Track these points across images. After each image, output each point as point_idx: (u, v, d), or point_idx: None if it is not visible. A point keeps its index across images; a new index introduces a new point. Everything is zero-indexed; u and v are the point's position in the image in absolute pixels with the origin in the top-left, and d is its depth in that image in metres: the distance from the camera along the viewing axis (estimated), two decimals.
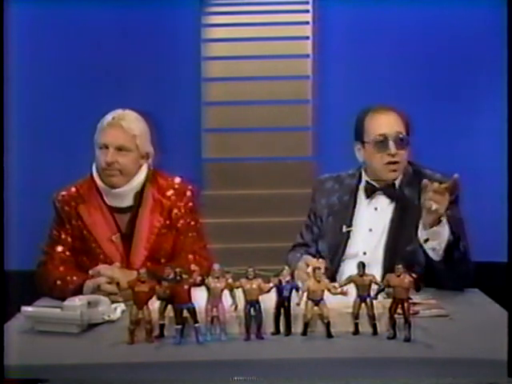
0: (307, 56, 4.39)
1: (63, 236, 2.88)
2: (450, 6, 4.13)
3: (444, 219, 2.60)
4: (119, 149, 2.82)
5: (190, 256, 2.84)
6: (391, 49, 4.22)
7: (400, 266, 2.16)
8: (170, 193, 2.91)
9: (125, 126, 2.84)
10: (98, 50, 4.22)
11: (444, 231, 2.61)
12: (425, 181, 2.58)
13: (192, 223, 2.93)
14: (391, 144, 2.85)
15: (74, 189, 2.92)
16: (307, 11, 4.37)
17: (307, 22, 4.37)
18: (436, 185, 2.54)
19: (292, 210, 4.17)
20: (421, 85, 4.16)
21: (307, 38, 4.38)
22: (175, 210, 2.90)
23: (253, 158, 4.43)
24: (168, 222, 2.89)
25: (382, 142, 2.87)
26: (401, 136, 2.87)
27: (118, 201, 2.87)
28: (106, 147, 2.82)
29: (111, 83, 4.19)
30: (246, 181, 4.39)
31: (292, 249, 3.08)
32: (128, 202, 2.87)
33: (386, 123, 2.89)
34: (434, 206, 2.54)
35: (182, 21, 4.30)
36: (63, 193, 2.92)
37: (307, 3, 4.37)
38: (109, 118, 2.85)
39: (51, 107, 4.21)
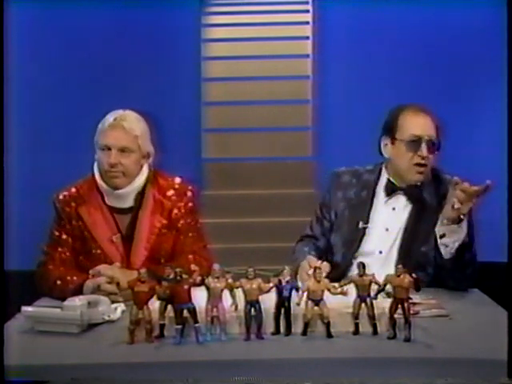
0: (307, 56, 4.39)
1: (63, 236, 2.88)
2: (450, 6, 4.13)
3: (465, 220, 2.60)
4: (122, 150, 2.82)
5: (190, 256, 2.84)
6: (391, 49, 4.22)
7: (400, 266, 2.16)
8: (170, 193, 2.91)
9: (126, 127, 2.83)
10: (98, 50, 4.23)
11: (461, 231, 2.61)
12: (456, 178, 2.57)
13: (192, 223, 2.93)
14: (423, 146, 2.84)
15: (74, 189, 2.92)
16: (307, 11, 4.38)
17: (307, 22, 4.38)
18: (466, 185, 2.54)
19: (292, 210, 4.18)
20: (421, 85, 4.15)
21: (307, 38, 4.38)
22: (175, 210, 2.90)
23: (253, 158, 4.44)
24: (168, 222, 2.88)
25: (414, 143, 2.85)
26: (433, 140, 2.86)
27: (119, 202, 2.87)
28: (109, 149, 2.81)
29: (111, 83, 4.19)
30: (246, 181, 4.39)
31: (300, 240, 3.07)
32: (129, 202, 2.87)
33: (421, 124, 2.88)
34: (457, 205, 2.54)
35: (182, 21, 4.30)
36: (63, 193, 2.92)
37: (307, 3, 4.37)
38: (110, 119, 2.84)
39: (51, 107, 4.22)
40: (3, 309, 2.24)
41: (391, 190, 2.93)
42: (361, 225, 2.91)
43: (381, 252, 2.88)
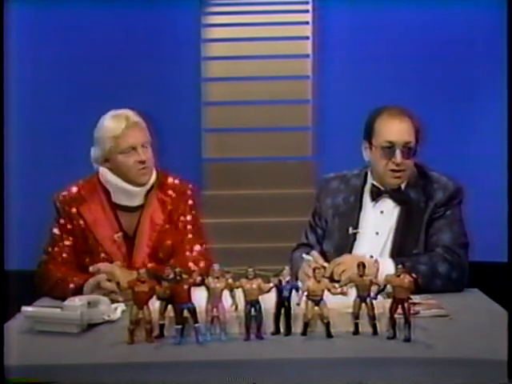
0: (307, 56, 4.40)
1: (64, 236, 2.88)
2: (450, 5, 4.14)
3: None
4: (144, 146, 2.86)
5: (188, 253, 2.87)
6: (391, 48, 4.22)
7: (400, 266, 2.16)
8: (171, 191, 2.93)
9: (139, 123, 2.87)
10: (98, 51, 4.23)
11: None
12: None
13: (192, 222, 2.94)
14: (398, 153, 2.81)
15: (75, 189, 2.92)
16: (307, 11, 4.38)
17: (307, 22, 4.38)
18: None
19: (292, 210, 4.18)
20: (420, 84, 4.16)
21: (307, 38, 4.38)
22: (176, 208, 2.91)
23: (253, 158, 4.44)
24: (169, 220, 2.90)
25: (389, 149, 2.82)
26: (409, 146, 2.82)
27: (130, 200, 2.88)
28: (134, 148, 2.83)
29: (111, 83, 4.19)
30: (246, 181, 4.39)
31: (296, 248, 3.07)
32: (139, 201, 2.89)
33: (396, 130, 2.83)
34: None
35: (182, 21, 4.30)
36: (64, 193, 2.92)
37: (307, 3, 4.38)
38: (121, 121, 2.84)
39: (51, 107, 4.22)
40: (3, 309, 2.24)
41: (377, 194, 2.91)
42: (351, 230, 2.90)
43: (372, 256, 2.84)
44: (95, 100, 4.03)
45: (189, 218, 2.93)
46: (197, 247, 2.92)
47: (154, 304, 2.17)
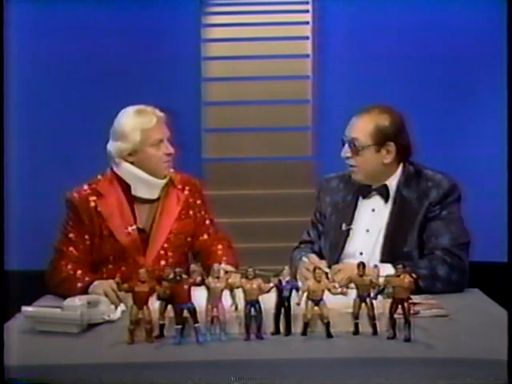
0: (307, 56, 4.39)
1: (79, 234, 2.89)
2: (450, 6, 4.14)
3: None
4: (167, 139, 2.96)
5: (206, 236, 3.01)
6: (391, 48, 4.22)
7: (400, 266, 2.16)
8: (185, 186, 3.01)
9: (163, 118, 2.96)
10: (98, 51, 4.23)
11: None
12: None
13: (206, 213, 3.05)
14: (345, 147, 2.86)
15: (92, 186, 2.94)
16: (307, 11, 4.38)
17: (307, 22, 4.38)
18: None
19: (292, 210, 4.18)
20: (420, 85, 4.16)
21: (307, 38, 4.38)
22: (191, 201, 3.00)
23: (253, 158, 4.44)
24: (185, 212, 2.98)
25: (342, 144, 2.89)
26: (354, 142, 2.84)
27: (150, 192, 2.93)
28: (161, 141, 2.93)
29: (111, 83, 4.19)
30: (246, 181, 4.39)
31: (298, 246, 3.09)
32: (157, 193, 2.95)
33: (351, 125, 2.88)
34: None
35: (182, 21, 4.30)
36: (81, 191, 2.93)
37: (307, 3, 4.38)
38: (151, 115, 2.93)
39: (51, 106, 4.22)
40: (3, 309, 2.24)
41: (366, 192, 2.92)
42: (344, 227, 2.91)
43: (362, 253, 2.86)
44: (95, 100, 4.05)
45: (203, 210, 3.05)
46: (213, 232, 3.06)
47: (154, 304, 2.17)
